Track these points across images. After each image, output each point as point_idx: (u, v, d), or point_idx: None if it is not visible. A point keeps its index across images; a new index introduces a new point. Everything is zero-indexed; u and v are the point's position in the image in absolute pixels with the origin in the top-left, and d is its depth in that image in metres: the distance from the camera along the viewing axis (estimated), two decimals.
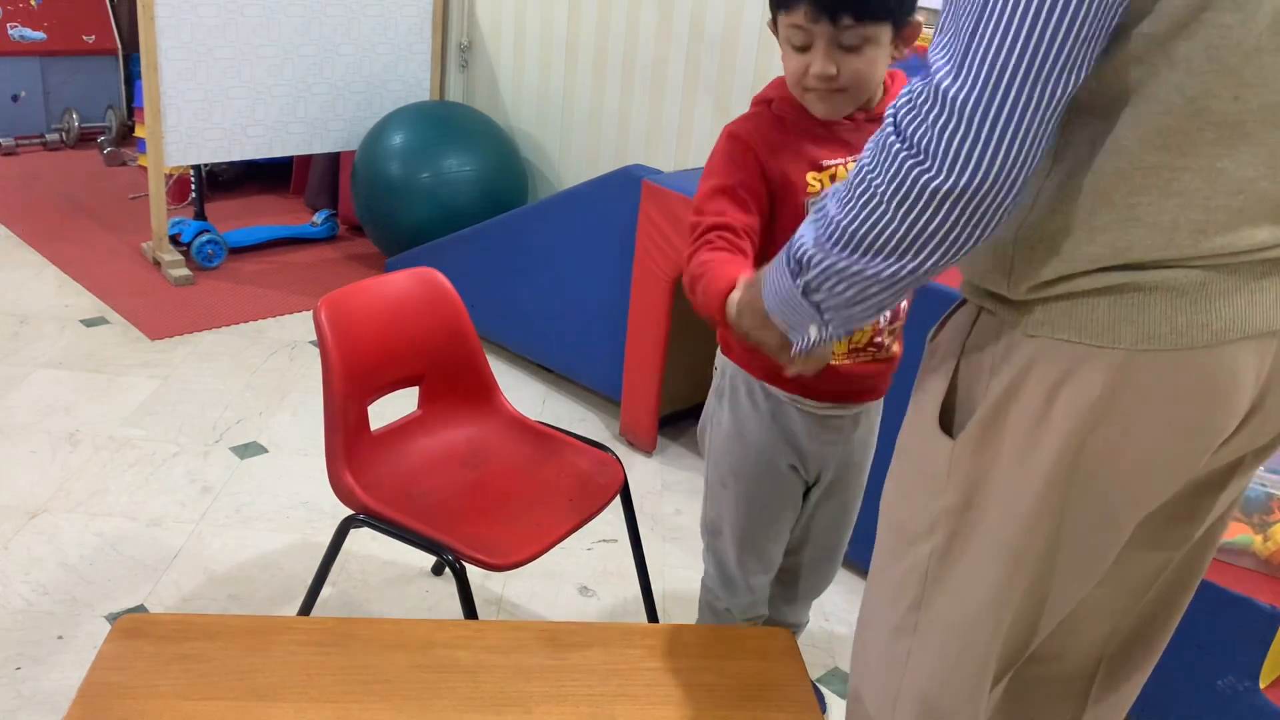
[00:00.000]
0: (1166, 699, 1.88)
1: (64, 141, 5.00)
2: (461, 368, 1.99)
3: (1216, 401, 1.00)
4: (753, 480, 1.65)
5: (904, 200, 0.94)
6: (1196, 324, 0.96)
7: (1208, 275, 0.96)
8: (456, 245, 3.23)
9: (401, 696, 1.24)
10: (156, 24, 3.38)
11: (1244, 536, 1.82)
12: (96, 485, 2.46)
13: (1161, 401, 0.99)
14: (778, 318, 1.14)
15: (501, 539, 1.70)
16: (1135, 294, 0.97)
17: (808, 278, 1.06)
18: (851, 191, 0.99)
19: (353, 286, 1.87)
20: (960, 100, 0.90)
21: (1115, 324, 0.97)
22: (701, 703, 1.26)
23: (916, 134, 0.92)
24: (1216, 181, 0.94)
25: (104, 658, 1.26)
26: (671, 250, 2.54)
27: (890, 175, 0.95)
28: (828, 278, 1.04)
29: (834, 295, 1.05)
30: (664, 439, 2.85)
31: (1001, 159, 0.90)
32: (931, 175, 0.92)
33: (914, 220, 0.94)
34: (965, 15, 0.91)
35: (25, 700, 1.84)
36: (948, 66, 0.91)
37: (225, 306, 3.48)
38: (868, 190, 0.97)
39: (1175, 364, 0.98)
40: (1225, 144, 0.93)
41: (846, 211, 0.99)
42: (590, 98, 3.62)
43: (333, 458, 1.76)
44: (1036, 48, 0.88)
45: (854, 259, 1.00)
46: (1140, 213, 0.95)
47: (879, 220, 0.96)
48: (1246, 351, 0.98)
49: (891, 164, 0.94)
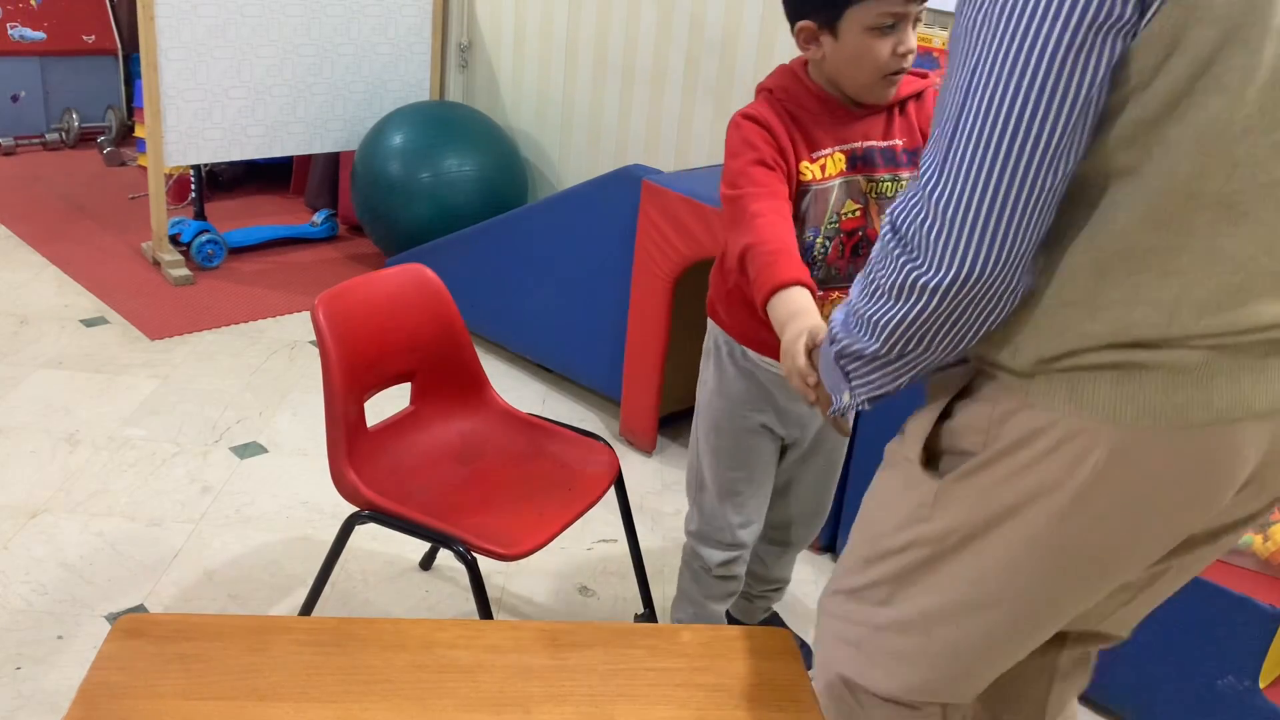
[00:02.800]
0: (1167, 699, 1.88)
1: (64, 141, 5.00)
2: (453, 363, 2.00)
3: (1213, 479, 1.02)
4: (729, 435, 1.76)
5: (901, 294, 0.99)
6: (1197, 402, 0.97)
7: (1210, 355, 0.97)
8: (456, 245, 3.23)
9: (401, 696, 1.23)
10: (156, 24, 3.38)
11: (1244, 536, 1.82)
12: (96, 485, 2.46)
13: (1158, 478, 1.01)
14: (825, 379, 1.19)
15: (507, 530, 1.71)
16: (1138, 371, 0.98)
17: (838, 349, 1.11)
18: (864, 282, 1.05)
19: (348, 284, 1.87)
20: (942, 202, 0.94)
21: (1117, 400, 0.98)
22: (701, 703, 1.26)
23: (908, 233, 0.98)
24: (1216, 260, 0.95)
25: (104, 658, 1.26)
26: (671, 250, 2.54)
27: (890, 272, 1.00)
28: (843, 350, 1.10)
29: (856, 371, 1.10)
30: (664, 439, 2.85)
31: (986, 254, 0.94)
32: (922, 271, 0.97)
33: (913, 313, 0.99)
34: (947, 119, 0.95)
35: (25, 700, 1.84)
36: (931, 169, 0.96)
37: (225, 306, 3.48)
38: (874, 284, 1.03)
39: (1175, 441, 0.99)
40: (1223, 223, 0.94)
41: (862, 298, 1.05)
42: (590, 98, 3.62)
43: (335, 455, 1.76)
44: (1015, 146, 0.90)
45: (860, 339, 1.06)
46: (1142, 292, 0.96)
47: (885, 310, 1.02)
48: (1248, 431, 1.00)
49: (891, 262, 1.00)
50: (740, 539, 1.82)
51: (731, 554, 1.83)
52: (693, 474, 1.85)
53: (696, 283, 2.63)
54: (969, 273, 0.94)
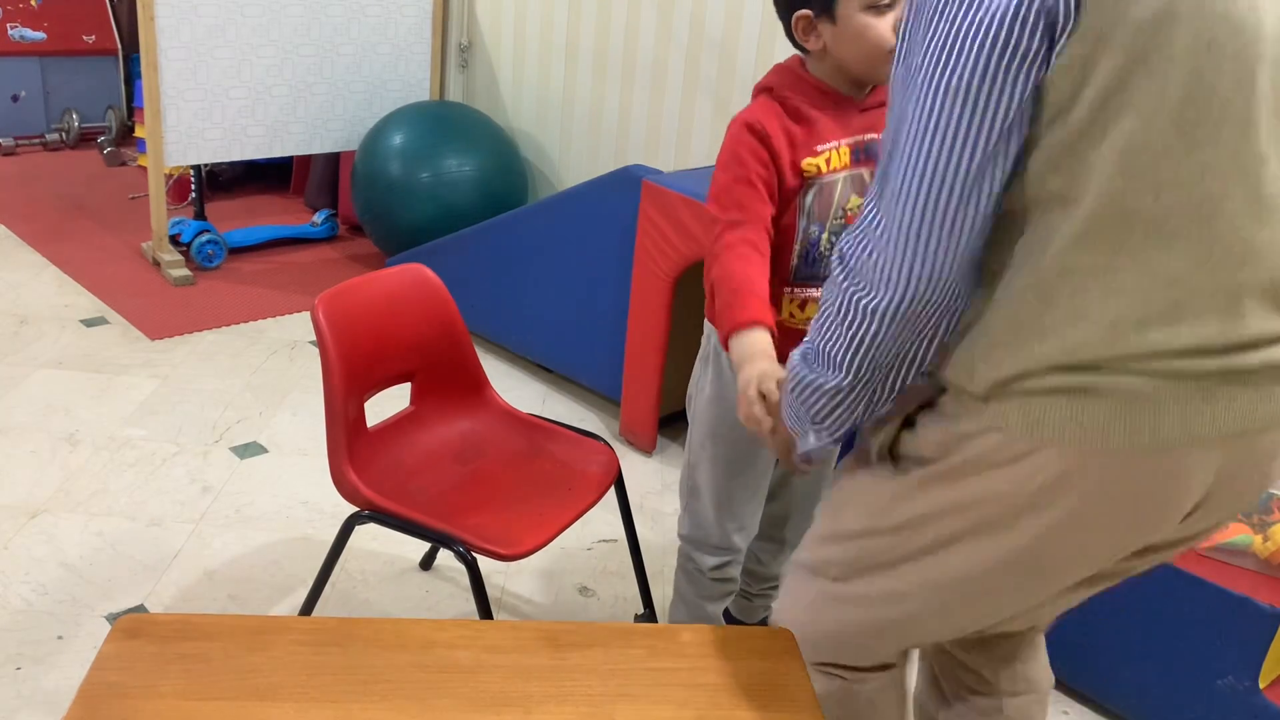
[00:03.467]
0: (1166, 699, 1.88)
1: (64, 141, 5.00)
2: (452, 363, 2.00)
3: (1160, 503, 1.05)
4: (728, 442, 1.73)
5: (849, 320, 1.07)
6: (1146, 428, 1.00)
7: (1159, 383, 0.99)
8: (456, 245, 3.23)
9: (401, 696, 1.23)
10: (156, 24, 3.38)
11: (1244, 536, 1.82)
12: (96, 485, 2.46)
13: (1106, 500, 1.04)
14: (788, 423, 1.24)
15: (507, 530, 1.71)
16: (1088, 398, 1.01)
17: (800, 389, 1.18)
18: (818, 320, 1.13)
19: (347, 284, 1.87)
20: (879, 230, 1.02)
21: (1066, 424, 1.02)
22: (701, 703, 1.26)
23: (853, 263, 1.06)
24: (1153, 278, 0.98)
25: (104, 658, 1.26)
26: (671, 250, 2.54)
27: (837, 301, 1.08)
28: (804, 389, 1.16)
29: (810, 407, 1.17)
30: (664, 439, 2.85)
31: (919, 275, 1.01)
32: (865, 295, 1.05)
33: (861, 336, 1.07)
34: (885, 152, 1.02)
35: (25, 700, 1.84)
36: (870, 202, 1.04)
37: (225, 306, 3.48)
38: (824, 316, 1.11)
39: (1123, 465, 1.02)
40: (1155, 241, 0.97)
41: (816, 335, 1.13)
42: (590, 98, 3.62)
43: (335, 455, 1.76)
44: (940, 179, 0.97)
45: (821, 373, 1.13)
46: (1084, 310, 1.00)
47: (831, 338, 1.10)
48: (1194, 456, 1.02)
49: (839, 293, 1.08)
50: (734, 544, 1.81)
51: (725, 558, 1.82)
52: (686, 479, 1.83)
53: (696, 283, 2.63)
54: (904, 294, 1.02)
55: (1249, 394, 1.01)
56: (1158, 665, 1.88)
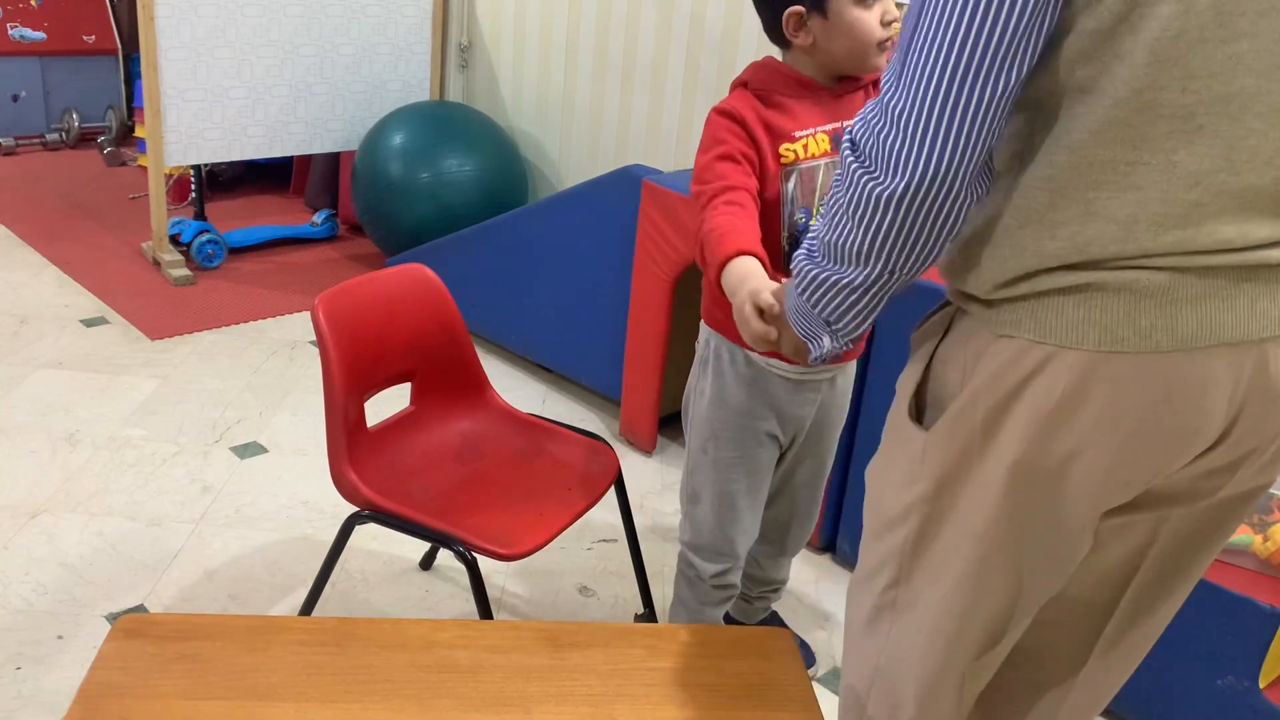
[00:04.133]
0: (1166, 699, 1.88)
1: (64, 141, 5.00)
2: (452, 363, 2.00)
3: (1182, 409, 0.99)
4: (732, 444, 1.73)
5: (859, 209, 1.01)
6: (1160, 328, 0.96)
7: (1174, 278, 0.96)
8: (456, 245, 3.23)
9: (401, 696, 1.23)
10: (156, 24, 3.38)
11: (1244, 536, 1.82)
12: (96, 485, 2.46)
13: (1125, 405, 0.99)
14: (796, 325, 1.20)
15: (506, 530, 1.71)
16: (1100, 294, 0.97)
17: (804, 292, 1.13)
18: (827, 209, 1.07)
19: (348, 284, 1.87)
20: (897, 109, 0.96)
21: (1080, 324, 0.98)
22: (701, 703, 1.26)
23: (865, 146, 1.00)
24: (1173, 175, 0.94)
25: (104, 658, 1.26)
26: (671, 250, 2.54)
27: (847, 187, 1.02)
28: (818, 289, 1.11)
29: (829, 306, 1.11)
30: (664, 439, 2.85)
31: (938, 160, 0.95)
32: (876, 181, 0.99)
33: (870, 227, 1.01)
34: (905, 32, 0.98)
35: (25, 700, 1.84)
36: (889, 82, 0.99)
37: (225, 306, 3.48)
38: (834, 205, 1.05)
39: (1140, 368, 0.98)
40: (1179, 137, 0.94)
41: (823, 227, 1.07)
42: (590, 98, 3.62)
43: (335, 455, 1.76)
44: (964, 53, 0.93)
45: (833, 269, 1.08)
46: (1098, 207, 0.96)
47: (845, 231, 1.04)
48: (1217, 360, 0.97)
49: (848, 178, 1.02)
50: (735, 550, 1.80)
51: (725, 564, 1.81)
52: (686, 485, 1.82)
53: (696, 283, 2.63)
54: (922, 177, 0.96)
55: (1272, 293, 0.97)
56: (1158, 665, 1.88)
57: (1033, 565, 1.12)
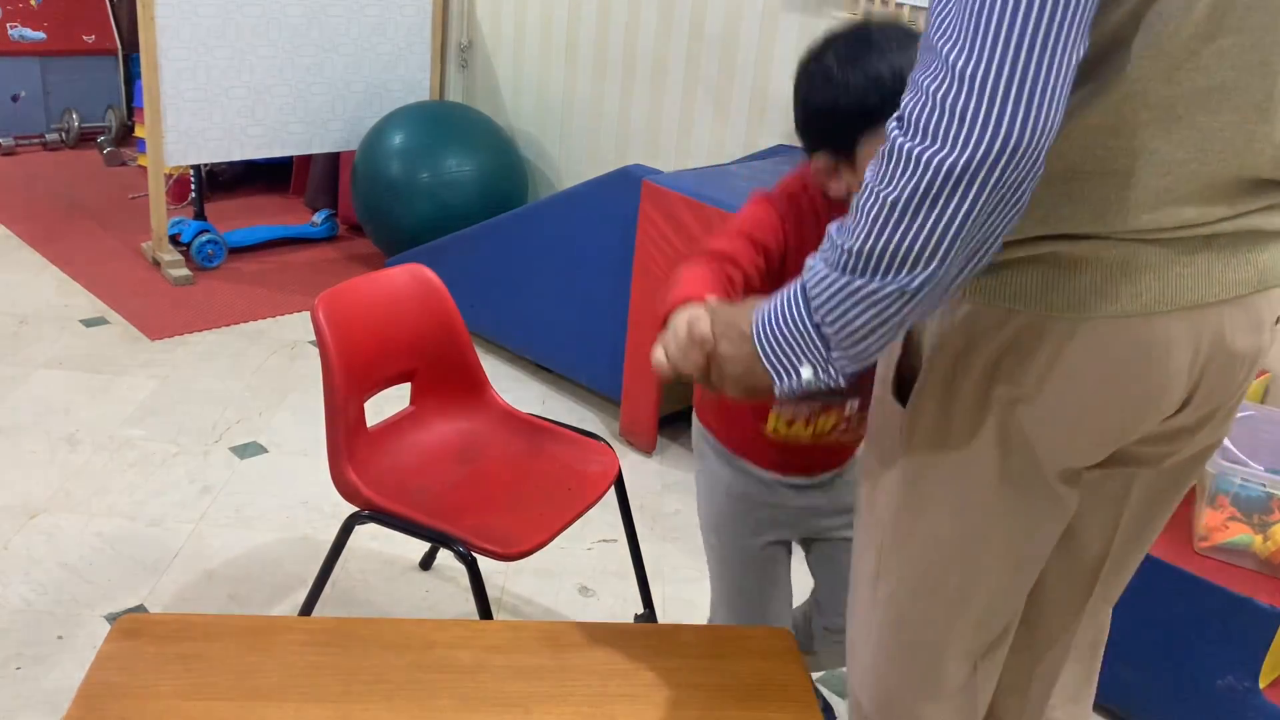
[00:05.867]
0: (1167, 699, 1.88)
1: (64, 141, 5.00)
2: (452, 363, 2.00)
3: (1147, 372, 1.02)
4: (731, 538, 1.61)
5: (916, 194, 0.88)
6: (1126, 294, 0.98)
7: (1135, 248, 0.98)
8: (456, 245, 3.23)
9: (401, 696, 1.23)
10: (156, 24, 3.38)
11: (1244, 536, 1.82)
12: (96, 485, 2.46)
13: (1094, 368, 1.02)
14: (767, 349, 1.04)
15: (506, 530, 1.71)
16: (1066, 264, 0.99)
17: (819, 307, 0.98)
18: (858, 214, 0.93)
19: (348, 284, 1.87)
20: (969, 70, 0.86)
21: (1046, 291, 1.00)
22: (701, 703, 1.26)
23: (926, 119, 0.87)
24: (1150, 163, 0.96)
25: (104, 658, 1.26)
26: (671, 250, 2.54)
27: (901, 174, 0.89)
28: (841, 303, 0.96)
29: (848, 324, 0.97)
30: (664, 439, 2.85)
31: (1021, 125, 0.85)
32: (946, 153, 0.86)
33: (931, 216, 0.88)
34: None
35: (25, 700, 1.84)
36: (956, 43, 0.87)
37: (225, 306, 3.48)
38: (876, 203, 0.91)
39: (1106, 332, 1.00)
40: (1158, 126, 0.95)
41: (857, 235, 0.93)
42: (590, 98, 3.62)
43: (335, 455, 1.76)
44: (1044, 15, 0.85)
45: (872, 280, 0.93)
46: (1074, 189, 0.98)
47: (895, 230, 0.90)
48: (1178, 325, 1.00)
49: (900, 163, 0.89)
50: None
51: None
52: (710, 567, 1.69)
53: None
54: (1004, 145, 0.85)
55: (1226, 258, 1.00)
56: (1158, 665, 1.88)
57: (1018, 534, 1.13)
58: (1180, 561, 1.83)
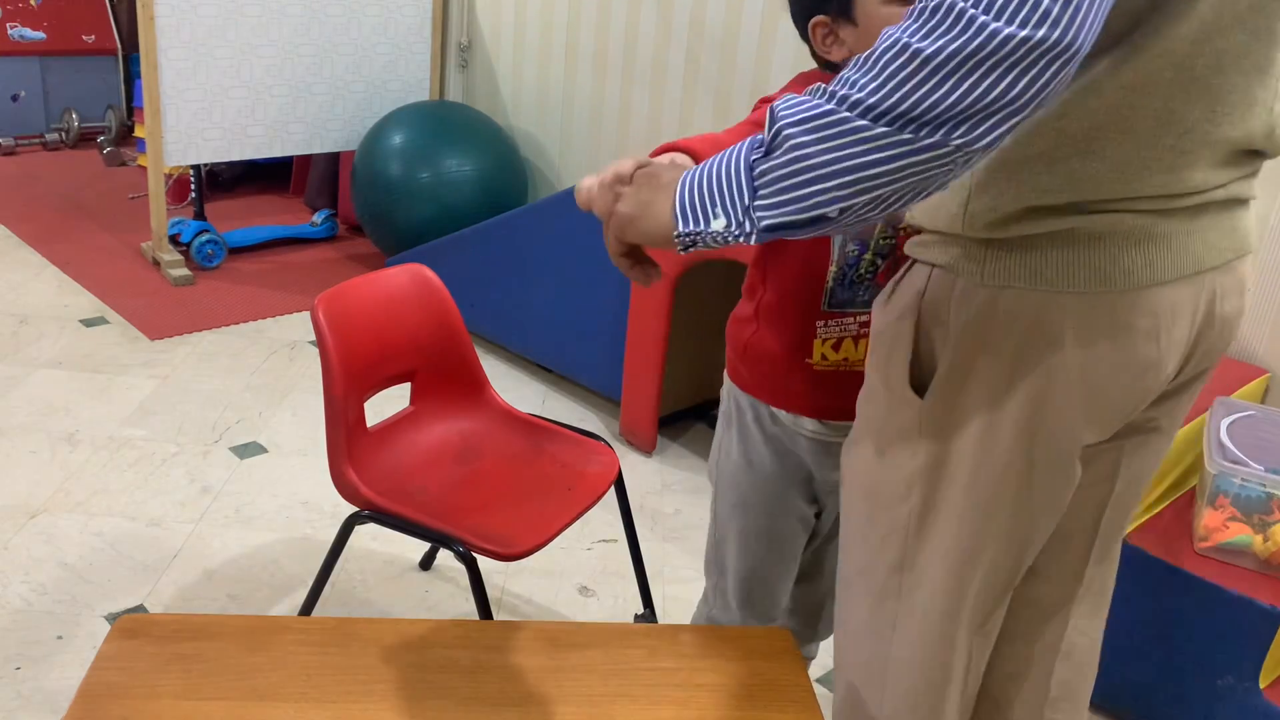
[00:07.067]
0: (1167, 699, 1.88)
1: (64, 141, 5.00)
2: (452, 363, 2.00)
3: (1157, 340, 1.06)
4: (762, 514, 1.55)
5: (964, 57, 0.81)
6: (1140, 264, 1.02)
7: (1149, 219, 1.01)
8: (456, 245, 3.23)
9: (401, 696, 1.23)
10: (156, 24, 3.38)
11: (1244, 536, 1.82)
12: (96, 485, 2.46)
13: (1112, 341, 1.05)
14: (686, 193, 0.98)
15: (506, 530, 1.71)
16: (1086, 239, 1.02)
17: (769, 137, 0.90)
18: (872, 65, 0.85)
19: (348, 284, 1.87)
20: None
21: (1069, 268, 1.02)
22: (701, 703, 1.26)
23: None
24: (1168, 122, 0.99)
25: (104, 658, 1.26)
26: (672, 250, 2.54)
27: (946, 32, 0.82)
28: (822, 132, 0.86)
29: (800, 164, 0.87)
30: (664, 439, 2.85)
31: (1078, 27, 0.81)
32: (1004, 25, 0.80)
33: (972, 81, 0.82)
34: None
35: (25, 700, 1.84)
36: None
37: (225, 306, 3.48)
38: (903, 55, 0.83)
39: (1123, 304, 1.03)
40: (1177, 85, 0.98)
41: (868, 86, 0.84)
42: (590, 97, 3.62)
43: (335, 455, 1.76)
44: None
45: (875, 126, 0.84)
46: (1097, 147, 0.99)
47: (922, 85, 0.83)
48: (1183, 291, 1.05)
49: (949, 21, 0.82)
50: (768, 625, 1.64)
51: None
52: (714, 556, 1.63)
53: (696, 283, 2.63)
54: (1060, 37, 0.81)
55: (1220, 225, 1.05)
56: (1158, 665, 1.88)
57: (1039, 511, 1.15)
58: (1180, 561, 1.83)
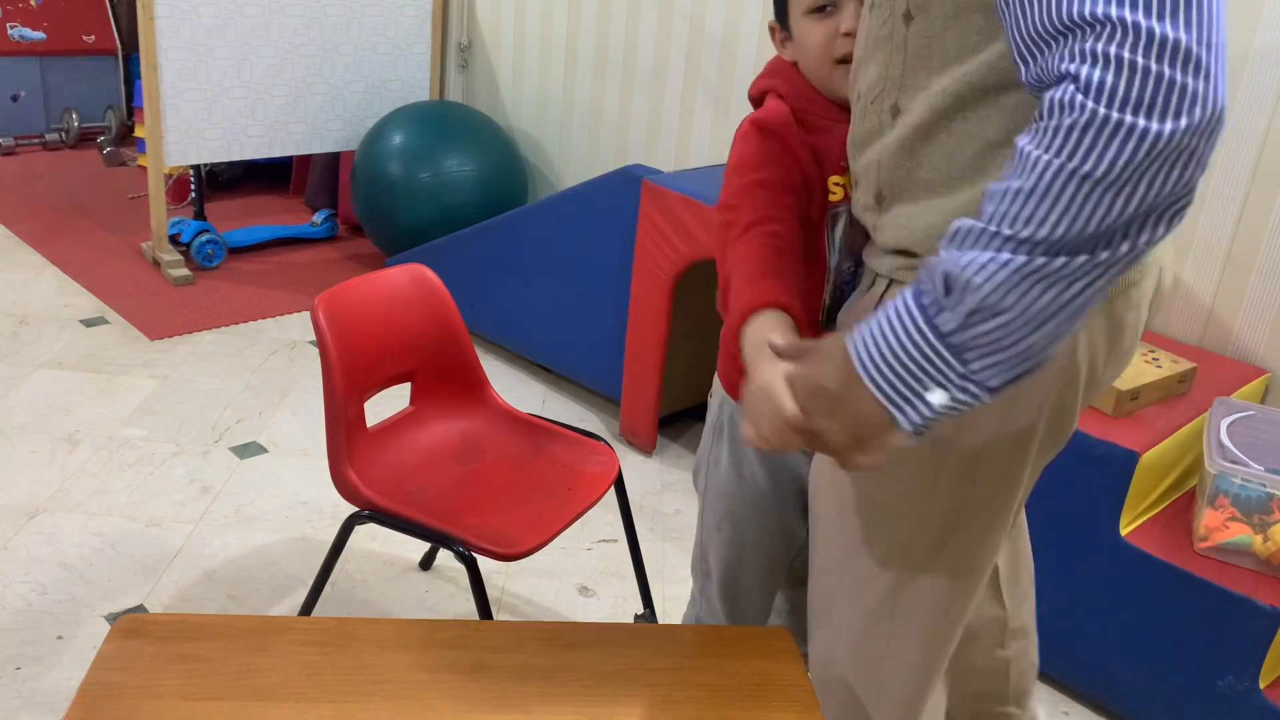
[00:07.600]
0: (1166, 699, 1.88)
1: (64, 141, 5.00)
2: (452, 363, 2.00)
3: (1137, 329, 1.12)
4: (753, 526, 1.52)
5: (1134, 169, 0.80)
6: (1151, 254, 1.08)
7: None
8: (456, 245, 3.23)
9: (401, 696, 1.23)
10: (156, 24, 3.38)
11: (1244, 536, 1.82)
12: (96, 485, 2.46)
13: (1115, 339, 1.09)
14: (877, 387, 0.91)
15: (506, 530, 1.72)
16: None
17: (963, 308, 0.85)
18: (1048, 193, 0.82)
19: (348, 284, 1.87)
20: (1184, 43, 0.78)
21: None
22: (701, 703, 1.26)
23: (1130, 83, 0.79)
24: None
25: (104, 658, 1.26)
26: (671, 250, 2.54)
27: (1105, 149, 0.80)
28: (1018, 285, 0.84)
29: (1011, 324, 0.85)
30: (664, 439, 2.85)
31: (1220, 82, 0.81)
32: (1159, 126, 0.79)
33: (1145, 184, 0.81)
34: None
35: (25, 700, 1.84)
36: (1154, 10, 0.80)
37: (225, 306, 3.48)
38: (1074, 182, 0.81)
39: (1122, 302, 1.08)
40: None
41: (1054, 214, 0.82)
42: (590, 98, 3.62)
43: (335, 455, 1.76)
44: None
45: (1071, 260, 0.83)
46: None
47: (1100, 206, 0.81)
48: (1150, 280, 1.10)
49: (1104, 135, 0.80)
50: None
51: None
52: (700, 560, 1.61)
53: (696, 283, 2.63)
54: (1213, 112, 0.80)
55: None
56: (1158, 665, 1.88)
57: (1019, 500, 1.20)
58: (1180, 561, 1.83)
